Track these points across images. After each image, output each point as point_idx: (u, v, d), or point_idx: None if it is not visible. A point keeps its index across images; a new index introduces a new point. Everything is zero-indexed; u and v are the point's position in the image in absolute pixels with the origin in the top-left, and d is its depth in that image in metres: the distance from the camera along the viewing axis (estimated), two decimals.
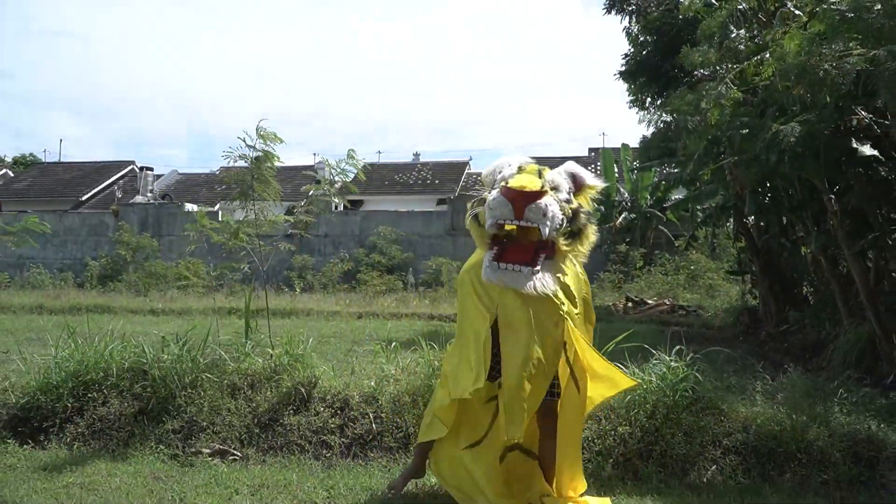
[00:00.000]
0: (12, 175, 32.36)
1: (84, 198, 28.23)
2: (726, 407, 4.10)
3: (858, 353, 6.92)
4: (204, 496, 3.45)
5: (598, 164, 22.34)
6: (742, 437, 3.94)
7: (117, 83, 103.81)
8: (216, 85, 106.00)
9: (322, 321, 11.37)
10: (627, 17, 12.39)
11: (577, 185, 3.44)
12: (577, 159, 28.40)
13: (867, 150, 6.53)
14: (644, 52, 12.40)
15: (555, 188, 3.28)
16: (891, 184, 6.71)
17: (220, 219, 5.15)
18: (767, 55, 5.98)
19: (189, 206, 22.85)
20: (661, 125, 10.38)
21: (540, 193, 3.16)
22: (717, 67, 7.29)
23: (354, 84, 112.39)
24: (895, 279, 7.16)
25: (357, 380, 4.66)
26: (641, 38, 12.45)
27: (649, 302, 14.82)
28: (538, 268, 3.15)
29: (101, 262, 21.10)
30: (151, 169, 28.33)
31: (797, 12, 6.35)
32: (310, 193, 6.12)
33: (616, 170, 20.93)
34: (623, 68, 12.79)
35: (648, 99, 11.81)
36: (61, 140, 59.98)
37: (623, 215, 19.80)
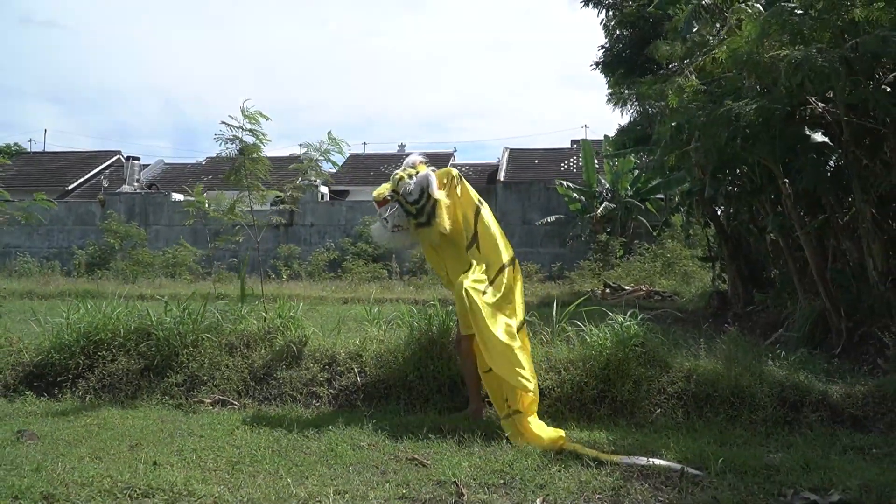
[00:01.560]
0: None
1: (70, 187, 28.36)
2: (671, 360, 4.62)
3: (811, 327, 7.39)
4: (209, 430, 3.92)
5: (579, 155, 22.88)
6: (684, 385, 4.46)
7: (102, 75, 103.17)
8: (202, 77, 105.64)
9: (309, 305, 11.80)
10: (604, 11, 12.81)
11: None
12: (560, 151, 28.87)
13: (818, 136, 7.04)
14: (620, 45, 12.84)
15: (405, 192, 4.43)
16: (841, 169, 7.20)
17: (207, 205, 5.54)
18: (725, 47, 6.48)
19: (176, 196, 23.13)
20: (635, 114, 10.89)
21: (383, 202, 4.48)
22: (684, 60, 7.80)
23: (341, 78, 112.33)
24: (846, 257, 7.67)
25: (344, 339, 5.14)
26: (617, 32, 12.88)
27: (626, 288, 15.33)
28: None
29: (88, 251, 21.31)
30: (138, 159, 28.54)
31: (749, 10, 6.85)
32: (298, 176, 6.51)
33: (597, 161, 21.46)
34: (600, 60, 13.25)
35: (626, 90, 12.29)
36: (45, 130, 60.03)
37: (603, 205, 20.34)
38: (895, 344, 5.49)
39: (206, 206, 5.73)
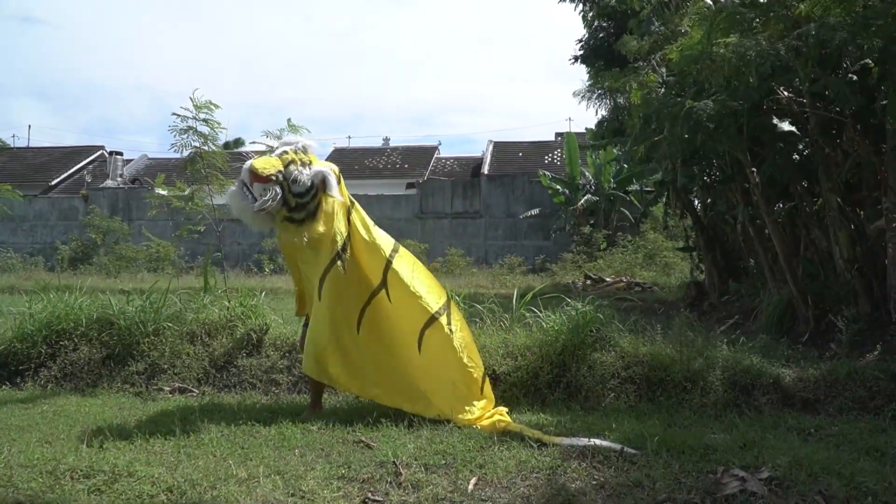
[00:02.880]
0: None
1: (53, 182, 28.20)
2: (627, 344, 4.69)
3: (779, 315, 7.47)
4: (163, 416, 3.96)
5: (563, 148, 22.94)
6: (638, 369, 4.53)
7: (88, 70, 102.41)
8: (187, 72, 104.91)
9: (288, 298, 11.82)
10: (581, 3, 12.87)
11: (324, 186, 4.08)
12: (544, 144, 28.93)
13: (786, 126, 7.12)
14: (599, 37, 12.92)
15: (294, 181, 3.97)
16: (808, 158, 7.29)
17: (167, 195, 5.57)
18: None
19: (159, 190, 23.06)
20: (610, 105, 10.97)
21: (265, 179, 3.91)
22: (650, 54, 7.88)
23: (327, 72, 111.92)
24: (815, 245, 7.76)
25: None
26: (595, 24, 12.94)
27: (607, 279, 15.42)
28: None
29: (71, 246, 21.25)
30: (121, 154, 28.44)
31: (708, 4, 6.93)
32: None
33: (580, 154, 21.53)
34: (578, 54, 13.31)
35: (597, 84, 12.38)
36: (30, 126, 59.67)
37: (586, 197, 20.42)
38: (848, 328, 5.58)
39: (169, 195, 5.75)
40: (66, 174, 28.89)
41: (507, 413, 4.05)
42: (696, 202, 11.24)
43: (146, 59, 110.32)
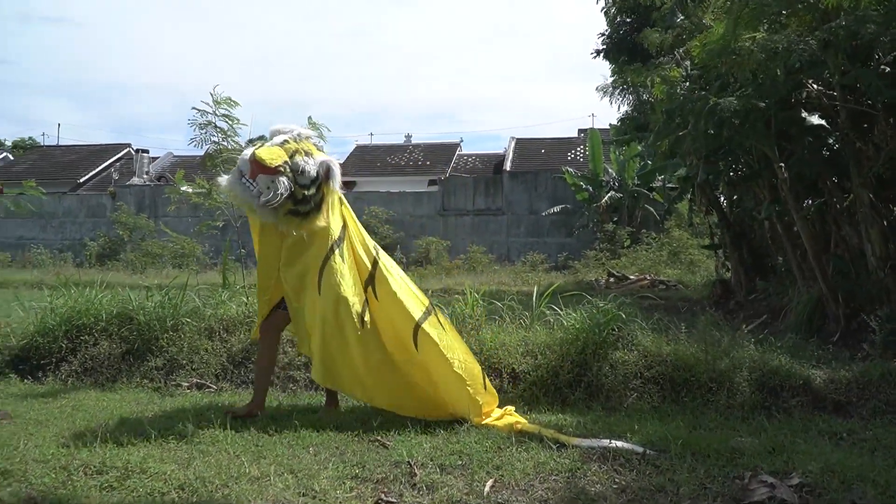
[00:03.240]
0: (12, 158, 32.75)
1: (82, 180, 28.61)
2: (650, 343, 4.57)
3: (809, 314, 7.28)
4: (180, 412, 3.93)
5: (586, 144, 22.73)
6: (661, 369, 4.41)
7: (115, 69, 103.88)
8: (211, 71, 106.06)
9: None
10: None
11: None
12: (567, 140, 28.74)
13: (815, 119, 6.93)
14: (621, 31, 12.72)
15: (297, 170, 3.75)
16: (838, 152, 7.10)
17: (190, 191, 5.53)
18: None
19: (185, 188, 23.29)
20: (631, 100, 10.79)
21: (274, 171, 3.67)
22: (673, 48, 7.72)
23: (349, 70, 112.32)
24: (845, 242, 7.56)
25: None
26: (618, 18, 12.75)
27: (630, 277, 15.25)
28: None
29: (99, 242, 21.59)
30: (147, 151, 28.76)
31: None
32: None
33: (604, 150, 21.31)
34: (600, 48, 13.13)
35: (621, 79, 12.18)
36: (59, 125, 60.60)
37: (609, 194, 20.20)
38: (881, 328, 5.40)
39: (190, 191, 5.75)
40: (94, 172, 29.33)
41: (515, 412, 3.96)
42: (722, 198, 11.05)
43: (172, 58, 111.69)
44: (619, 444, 3.23)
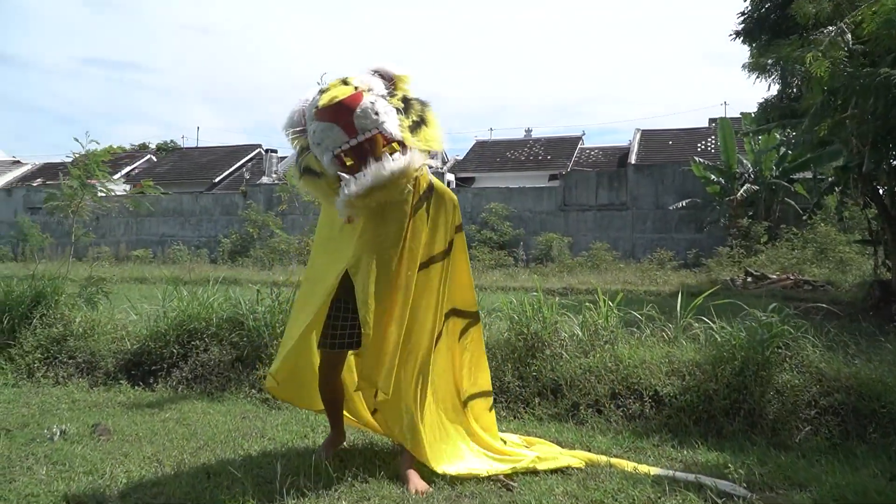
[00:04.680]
0: (155, 160, 35.03)
1: (217, 179, 30.08)
2: (825, 365, 3.80)
3: None
4: (282, 432, 3.62)
5: (717, 135, 21.18)
6: (842, 397, 3.63)
7: (250, 75, 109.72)
8: (338, 72, 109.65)
9: None
10: None
11: (389, 80, 2.95)
12: (696, 131, 27.15)
13: None
14: (763, 9, 11.59)
15: (369, 89, 2.82)
16: None
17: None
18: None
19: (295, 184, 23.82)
20: (779, 83, 9.68)
21: (357, 95, 2.72)
22: (832, 20, 6.70)
23: (470, 67, 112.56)
24: None
25: None
26: None
27: (771, 276, 13.95)
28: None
29: (231, 239, 22.59)
30: (276, 151, 29.76)
31: None
32: None
33: (737, 140, 19.75)
34: (740, 29, 12.03)
35: (770, 61, 11.02)
36: (198, 128, 64.71)
37: (745, 187, 18.68)
38: None
39: (300, 190, 5.47)
40: (228, 171, 30.76)
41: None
42: (881, 190, 9.80)
43: (302, 64, 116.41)
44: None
